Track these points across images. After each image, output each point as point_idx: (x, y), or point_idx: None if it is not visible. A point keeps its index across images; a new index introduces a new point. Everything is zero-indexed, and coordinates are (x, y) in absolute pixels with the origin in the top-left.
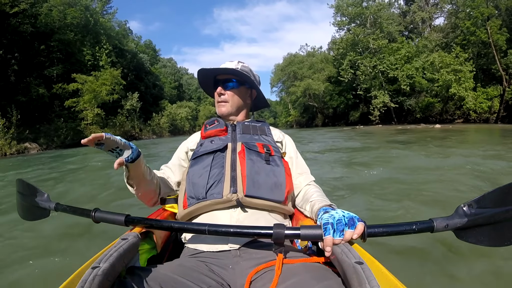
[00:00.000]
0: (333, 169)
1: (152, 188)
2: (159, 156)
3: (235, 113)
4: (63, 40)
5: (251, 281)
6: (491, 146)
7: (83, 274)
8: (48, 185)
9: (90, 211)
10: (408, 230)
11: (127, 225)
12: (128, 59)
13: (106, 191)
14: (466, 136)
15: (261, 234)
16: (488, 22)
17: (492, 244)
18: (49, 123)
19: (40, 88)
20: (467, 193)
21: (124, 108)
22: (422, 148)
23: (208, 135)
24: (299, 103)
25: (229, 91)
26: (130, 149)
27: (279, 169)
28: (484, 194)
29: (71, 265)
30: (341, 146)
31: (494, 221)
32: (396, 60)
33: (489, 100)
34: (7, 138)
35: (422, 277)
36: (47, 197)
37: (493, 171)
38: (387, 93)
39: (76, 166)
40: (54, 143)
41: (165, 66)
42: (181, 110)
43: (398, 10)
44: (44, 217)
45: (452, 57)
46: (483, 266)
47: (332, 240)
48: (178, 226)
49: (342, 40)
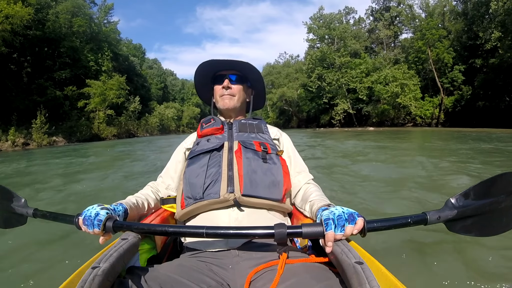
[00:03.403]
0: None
1: (146, 210)
2: (167, 148)
3: (238, 109)
4: (71, 47)
5: (251, 281)
6: (389, 140)
7: (83, 274)
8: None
9: (73, 217)
10: (404, 224)
11: (116, 231)
12: (120, 62)
13: (116, 183)
14: (381, 134)
15: (262, 235)
16: (430, 47)
17: (480, 234)
18: (67, 121)
19: (57, 90)
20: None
21: (129, 110)
22: (341, 139)
23: (205, 133)
24: (276, 106)
25: (236, 85)
26: (117, 216)
27: (276, 167)
28: (470, 188)
29: (71, 265)
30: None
31: (481, 212)
32: (356, 73)
33: (435, 108)
34: (42, 132)
35: (422, 277)
36: (24, 203)
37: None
38: (348, 101)
39: (89, 158)
40: (76, 137)
41: (151, 68)
42: (168, 110)
43: (368, 26)
44: (21, 224)
45: (401, 73)
46: (481, 262)
47: (334, 236)
48: (173, 230)
49: (311, 57)
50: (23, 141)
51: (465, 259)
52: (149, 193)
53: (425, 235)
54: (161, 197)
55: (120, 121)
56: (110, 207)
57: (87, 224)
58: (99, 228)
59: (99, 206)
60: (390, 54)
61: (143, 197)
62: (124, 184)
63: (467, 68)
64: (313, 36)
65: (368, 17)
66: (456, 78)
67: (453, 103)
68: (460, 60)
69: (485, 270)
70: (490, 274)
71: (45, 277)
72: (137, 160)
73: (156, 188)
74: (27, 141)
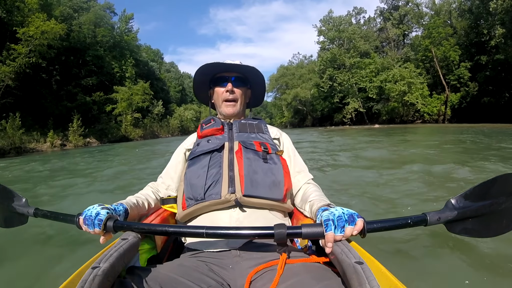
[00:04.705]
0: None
1: (146, 210)
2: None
3: (240, 113)
4: (96, 55)
5: (251, 281)
6: (388, 138)
7: (83, 274)
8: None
9: (73, 217)
10: (404, 224)
11: (116, 230)
12: (141, 68)
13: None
14: (383, 131)
15: (262, 235)
16: (436, 46)
17: (480, 235)
18: (98, 124)
19: (86, 96)
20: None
21: (153, 113)
22: (345, 135)
23: (205, 134)
24: (291, 106)
25: (239, 89)
26: (118, 216)
27: (277, 167)
28: (470, 189)
29: (71, 265)
30: (301, 134)
31: (481, 214)
32: (366, 73)
33: (442, 104)
34: (77, 134)
35: (422, 277)
36: (25, 202)
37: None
38: (359, 100)
39: (123, 156)
40: (107, 138)
41: (169, 71)
42: (187, 112)
43: (378, 25)
44: (22, 224)
45: (408, 72)
46: (481, 263)
47: (334, 237)
48: (173, 230)
49: (322, 58)
50: (60, 143)
51: (465, 259)
52: (149, 193)
53: (425, 236)
54: (161, 197)
55: (145, 124)
56: (110, 207)
57: (87, 224)
58: (99, 228)
59: (99, 206)
60: (399, 53)
61: (143, 197)
62: (148, 178)
63: (473, 64)
64: (324, 39)
65: (378, 16)
66: (462, 75)
67: (459, 99)
68: (467, 57)
69: (485, 271)
70: (490, 274)
71: (45, 277)
72: (161, 157)
73: (156, 188)
74: (64, 142)
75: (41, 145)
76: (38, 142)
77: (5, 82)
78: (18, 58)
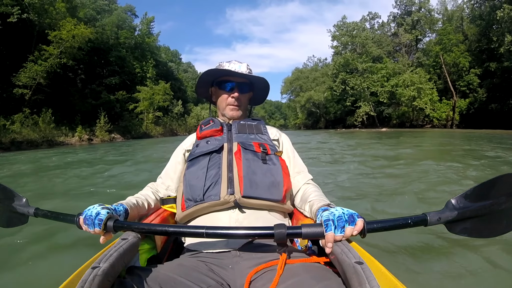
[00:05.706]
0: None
1: (146, 210)
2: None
3: (242, 115)
4: (118, 56)
5: (250, 281)
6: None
7: (83, 274)
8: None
9: (74, 217)
10: (404, 225)
11: (116, 230)
12: (160, 68)
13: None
14: (388, 134)
15: (262, 235)
16: (446, 52)
17: (480, 235)
18: (121, 121)
19: (110, 95)
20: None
21: (173, 112)
22: (349, 138)
23: (204, 135)
24: (305, 108)
25: (243, 95)
26: (118, 216)
27: (276, 168)
28: (471, 189)
29: (71, 265)
30: (308, 134)
31: (481, 214)
32: (378, 78)
33: (451, 110)
34: (104, 130)
35: (422, 277)
36: (25, 202)
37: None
38: (370, 104)
39: (148, 151)
40: (131, 135)
41: (186, 71)
42: (203, 111)
43: (393, 30)
44: (22, 224)
45: (418, 77)
46: (481, 263)
47: (334, 237)
48: (173, 230)
49: (335, 63)
50: (87, 137)
51: (465, 259)
52: (149, 194)
53: (425, 236)
54: (161, 198)
55: (165, 122)
56: (111, 207)
57: (88, 224)
58: (100, 228)
59: (100, 206)
60: (411, 58)
61: (143, 198)
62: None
63: (483, 71)
64: (337, 43)
65: (392, 21)
66: (472, 81)
67: (467, 105)
68: (477, 64)
69: (485, 271)
70: (490, 274)
71: (45, 277)
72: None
73: (156, 188)
74: (91, 137)
75: (69, 139)
76: (67, 136)
77: (37, 80)
78: (49, 58)
